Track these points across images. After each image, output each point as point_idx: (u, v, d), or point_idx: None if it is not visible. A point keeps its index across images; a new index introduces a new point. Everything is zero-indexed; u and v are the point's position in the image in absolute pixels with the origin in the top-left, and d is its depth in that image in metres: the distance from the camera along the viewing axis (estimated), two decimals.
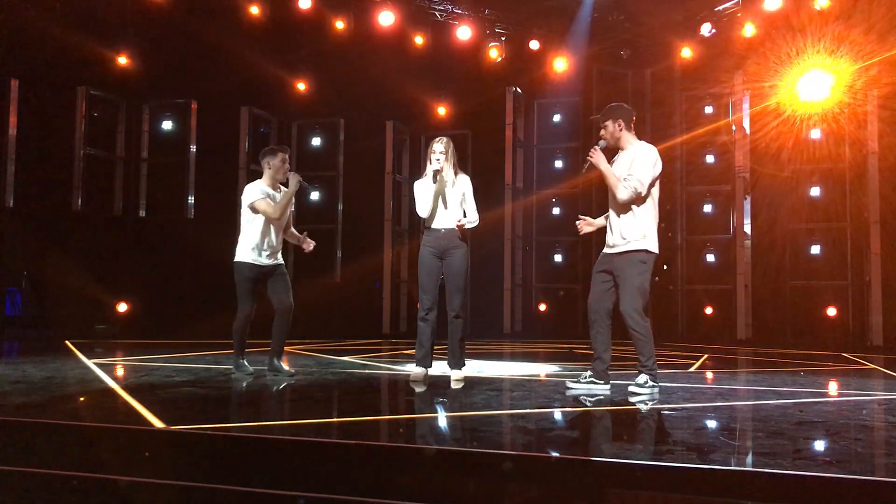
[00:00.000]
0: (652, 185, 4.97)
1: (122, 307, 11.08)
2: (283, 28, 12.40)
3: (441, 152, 5.41)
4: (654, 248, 4.98)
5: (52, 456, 3.24)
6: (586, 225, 5.35)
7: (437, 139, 5.51)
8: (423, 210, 5.45)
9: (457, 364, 5.49)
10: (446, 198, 5.43)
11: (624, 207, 5.02)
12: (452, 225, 5.39)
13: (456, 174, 5.49)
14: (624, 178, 4.96)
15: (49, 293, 10.84)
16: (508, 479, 2.83)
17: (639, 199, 4.96)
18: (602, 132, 5.19)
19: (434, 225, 5.46)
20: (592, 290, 5.17)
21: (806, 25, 11.45)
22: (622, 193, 4.96)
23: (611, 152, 5.18)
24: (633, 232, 4.97)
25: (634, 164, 4.97)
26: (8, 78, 10.21)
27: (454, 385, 5.27)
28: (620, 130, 5.11)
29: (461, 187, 5.48)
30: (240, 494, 2.87)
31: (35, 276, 10.85)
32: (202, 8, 11.68)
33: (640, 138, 5.22)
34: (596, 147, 5.14)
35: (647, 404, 4.51)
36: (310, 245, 5.87)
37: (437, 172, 5.38)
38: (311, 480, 2.94)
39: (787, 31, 11.72)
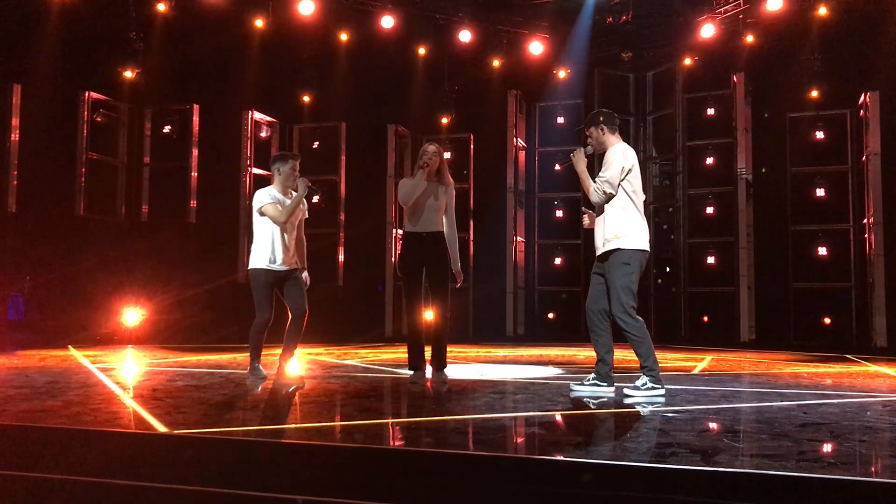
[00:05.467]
0: (622, 181, 4.96)
1: (125, 312, 11.09)
2: (284, 32, 12.44)
3: (434, 153, 5.49)
4: (634, 245, 4.92)
5: (55, 461, 3.24)
6: (589, 217, 5.29)
7: (430, 142, 5.63)
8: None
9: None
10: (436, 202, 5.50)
11: (598, 209, 5.06)
12: (433, 229, 5.46)
13: (446, 182, 5.56)
14: (594, 182, 5.01)
15: (52, 298, 10.85)
16: (511, 482, 2.82)
17: (610, 199, 4.98)
18: (588, 140, 5.22)
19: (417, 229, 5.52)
20: (589, 292, 5.18)
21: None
22: (593, 197, 5.04)
23: (602, 157, 5.21)
24: (607, 232, 4.99)
25: (603, 167, 5.01)
26: (10, 82, 10.23)
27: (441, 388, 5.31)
28: (604, 134, 5.13)
29: (447, 196, 5.54)
30: (243, 498, 2.86)
31: (37, 280, 10.86)
32: (203, 13, 11.71)
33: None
34: (580, 149, 5.18)
35: (645, 407, 4.49)
36: (306, 282, 5.89)
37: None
38: (314, 484, 2.93)
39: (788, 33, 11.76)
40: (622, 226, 4.93)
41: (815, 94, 11.84)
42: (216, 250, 12.14)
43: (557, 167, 13.19)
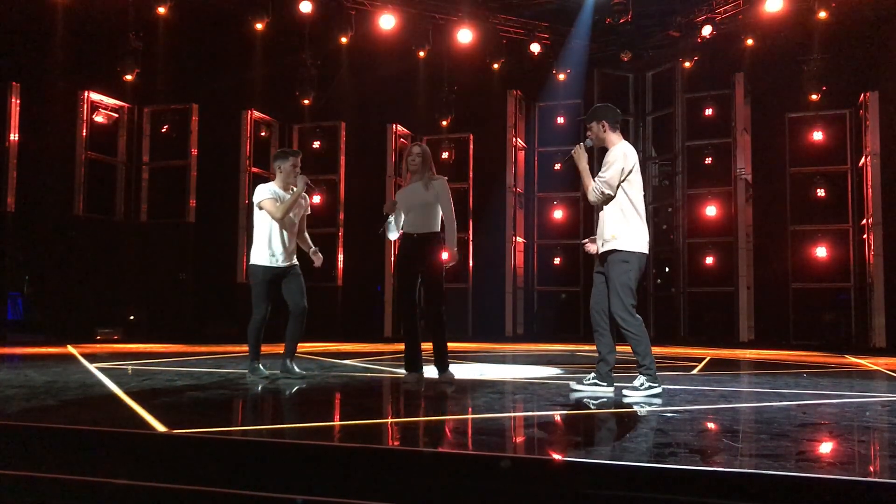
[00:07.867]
0: (622, 182, 4.93)
1: (124, 311, 11.09)
2: (284, 32, 12.45)
3: (411, 153, 5.45)
4: (632, 247, 4.89)
5: (54, 461, 3.24)
6: (591, 244, 5.23)
7: (415, 143, 5.61)
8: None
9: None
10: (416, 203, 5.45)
11: (598, 209, 5.04)
12: (424, 230, 5.38)
13: (430, 178, 5.47)
14: (594, 181, 4.97)
15: (51, 297, 10.85)
16: (510, 481, 2.82)
17: (608, 200, 4.95)
18: (588, 133, 5.19)
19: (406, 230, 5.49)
20: (592, 292, 5.16)
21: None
22: (590, 196, 4.98)
23: (602, 151, 5.19)
24: (605, 233, 4.97)
25: (603, 167, 4.97)
26: (9, 81, 10.23)
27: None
28: (605, 131, 5.10)
29: (435, 190, 5.43)
30: (243, 498, 2.86)
31: (37, 280, 10.86)
32: (203, 13, 11.72)
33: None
34: (581, 144, 5.14)
35: (643, 407, 4.49)
36: (319, 259, 5.87)
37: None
38: (314, 484, 2.93)
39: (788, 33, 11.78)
40: (619, 228, 4.92)
41: (814, 94, 11.86)
42: (215, 250, 12.14)
43: (557, 167, 13.21)
